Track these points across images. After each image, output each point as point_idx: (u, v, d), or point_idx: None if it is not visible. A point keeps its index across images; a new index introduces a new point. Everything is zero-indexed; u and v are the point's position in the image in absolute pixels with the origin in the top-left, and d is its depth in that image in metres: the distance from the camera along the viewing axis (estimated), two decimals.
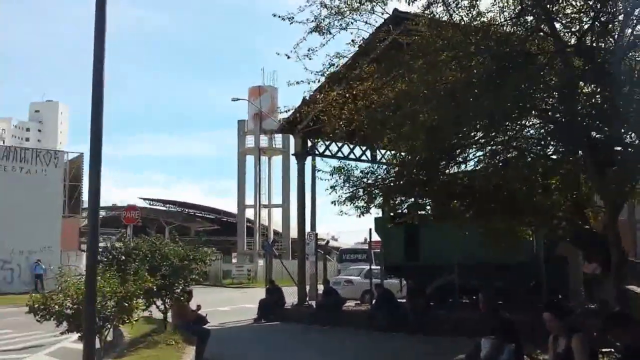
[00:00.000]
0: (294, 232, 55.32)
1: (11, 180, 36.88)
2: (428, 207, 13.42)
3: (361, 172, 11.87)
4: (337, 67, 10.77)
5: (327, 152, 24.78)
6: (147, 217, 69.12)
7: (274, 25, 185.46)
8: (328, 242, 26.33)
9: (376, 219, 22.37)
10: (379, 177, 12.04)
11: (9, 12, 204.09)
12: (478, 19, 9.09)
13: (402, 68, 9.82)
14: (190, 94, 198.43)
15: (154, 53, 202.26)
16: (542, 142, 9.88)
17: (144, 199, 75.78)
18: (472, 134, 9.75)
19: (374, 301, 20.81)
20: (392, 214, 21.98)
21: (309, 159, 24.38)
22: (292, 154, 25.41)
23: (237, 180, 64.87)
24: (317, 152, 24.56)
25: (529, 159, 9.90)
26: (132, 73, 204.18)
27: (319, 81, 11.06)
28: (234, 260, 59.28)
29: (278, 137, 63.34)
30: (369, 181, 11.80)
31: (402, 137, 9.90)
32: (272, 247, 30.99)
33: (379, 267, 23.72)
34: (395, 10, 11.28)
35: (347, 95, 11.39)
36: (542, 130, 9.86)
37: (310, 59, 10.61)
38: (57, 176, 39.95)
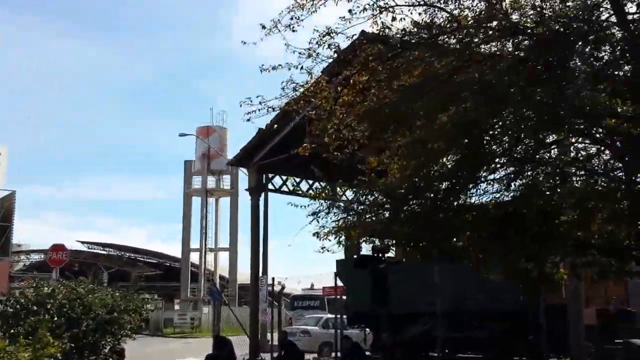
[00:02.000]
0: (241, 278, 52.59)
1: None
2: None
3: (354, 192, 9.25)
4: (331, 48, 8.28)
5: (284, 188, 22.99)
6: (84, 261, 65.39)
7: (224, 67, 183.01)
8: (284, 287, 23.91)
9: (338, 262, 20.24)
10: (378, 200, 9.20)
11: None
12: None
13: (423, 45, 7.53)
14: (135, 135, 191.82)
15: (95, 91, 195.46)
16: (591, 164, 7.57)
17: (83, 242, 71.42)
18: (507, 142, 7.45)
19: (337, 354, 18.38)
20: (357, 257, 19.93)
21: (262, 195, 22.38)
22: (246, 189, 23.18)
23: (182, 223, 61.52)
24: (273, 188, 22.58)
25: (578, 182, 7.65)
26: (72, 112, 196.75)
27: (301, 67, 8.46)
28: (176, 307, 55.58)
29: (226, 179, 60.72)
30: (362, 206, 9.13)
31: (423, 138, 7.44)
32: (221, 294, 28.07)
33: (335, 315, 21.32)
34: None
35: (339, 88, 8.83)
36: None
37: (294, 30, 8.22)
38: None
